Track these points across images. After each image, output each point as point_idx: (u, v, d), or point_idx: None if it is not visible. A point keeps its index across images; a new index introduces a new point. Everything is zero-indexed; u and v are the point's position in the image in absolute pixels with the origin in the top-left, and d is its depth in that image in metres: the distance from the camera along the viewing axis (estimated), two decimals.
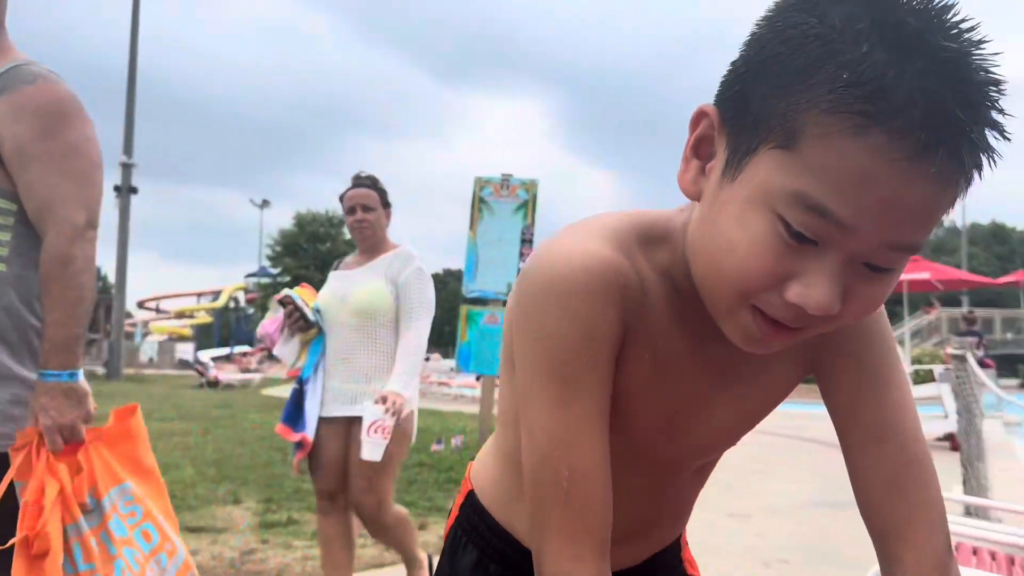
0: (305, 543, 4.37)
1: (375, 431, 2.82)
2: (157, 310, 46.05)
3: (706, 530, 5.09)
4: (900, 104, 0.56)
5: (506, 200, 7.85)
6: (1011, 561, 2.64)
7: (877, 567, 2.02)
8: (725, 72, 0.69)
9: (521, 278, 0.76)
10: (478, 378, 17.20)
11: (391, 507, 3.12)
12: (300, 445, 3.04)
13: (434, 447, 7.49)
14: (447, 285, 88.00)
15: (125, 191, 21.10)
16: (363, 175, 3.26)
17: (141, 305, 44.85)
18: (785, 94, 0.61)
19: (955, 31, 0.59)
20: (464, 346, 7.73)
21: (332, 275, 3.34)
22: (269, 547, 4.27)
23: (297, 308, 3.07)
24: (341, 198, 3.27)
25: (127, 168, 21.12)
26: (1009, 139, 0.61)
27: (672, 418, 0.81)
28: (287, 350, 3.19)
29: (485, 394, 7.94)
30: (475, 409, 10.51)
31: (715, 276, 0.68)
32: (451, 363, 24.56)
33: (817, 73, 0.58)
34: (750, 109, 0.64)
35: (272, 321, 3.22)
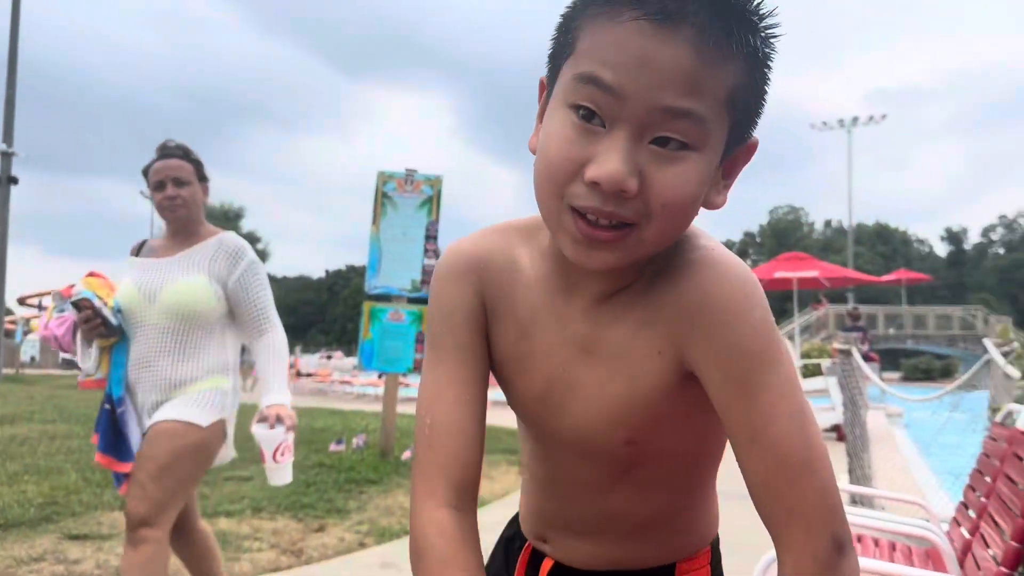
0: None
1: (281, 454, 2.56)
2: (39, 307, 43.51)
3: None
4: None
5: (410, 196, 7.76)
6: (893, 547, 2.77)
7: (772, 552, 2.07)
8: None
9: None
10: (380, 376, 16.99)
11: (164, 533, 2.43)
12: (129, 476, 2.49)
13: (333, 447, 7.33)
14: (350, 281, 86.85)
15: (4, 181, 19.87)
16: (172, 143, 2.69)
17: (22, 302, 42.33)
18: (567, 24, 0.75)
19: None
20: (367, 343, 7.59)
21: (133, 263, 2.70)
22: None
23: (96, 312, 2.51)
24: (145, 172, 2.67)
25: (7, 157, 19.90)
26: (772, 34, 0.72)
27: (547, 393, 0.88)
28: (87, 358, 2.61)
29: (389, 392, 7.83)
30: (378, 408, 10.36)
31: (537, 185, 0.77)
32: (353, 361, 24.20)
33: None
34: (552, 51, 0.78)
35: (59, 322, 2.65)
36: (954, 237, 73.98)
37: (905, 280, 33.71)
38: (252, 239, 66.05)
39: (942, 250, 74.87)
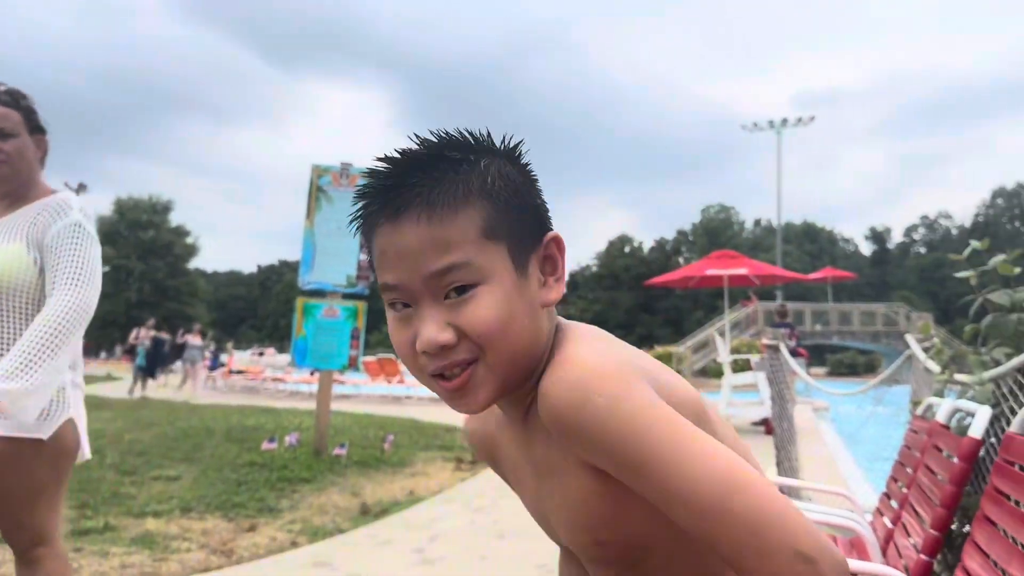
0: (124, 549, 4.09)
1: None
2: None
3: (529, 516, 5.20)
4: (364, 209, 0.89)
5: (346, 190, 7.65)
6: None
7: None
8: None
9: None
10: (312, 373, 16.73)
11: (58, 546, 2.20)
12: None
13: (265, 445, 7.20)
14: (283, 277, 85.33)
15: None
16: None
17: None
18: (366, 243, 0.92)
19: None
20: (300, 340, 7.47)
21: None
22: (83, 555, 3.97)
23: None
24: None
25: None
26: (463, 170, 0.86)
27: (536, 509, 1.01)
28: None
29: (323, 389, 7.72)
30: (312, 405, 10.21)
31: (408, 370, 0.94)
32: (286, 358, 23.78)
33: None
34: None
35: None
36: (878, 236, 76.62)
37: (831, 278, 34.72)
38: (181, 233, 64.33)
39: (867, 249, 77.49)
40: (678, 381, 0.91)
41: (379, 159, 0.87)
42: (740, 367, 12.96)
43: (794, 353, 11.41)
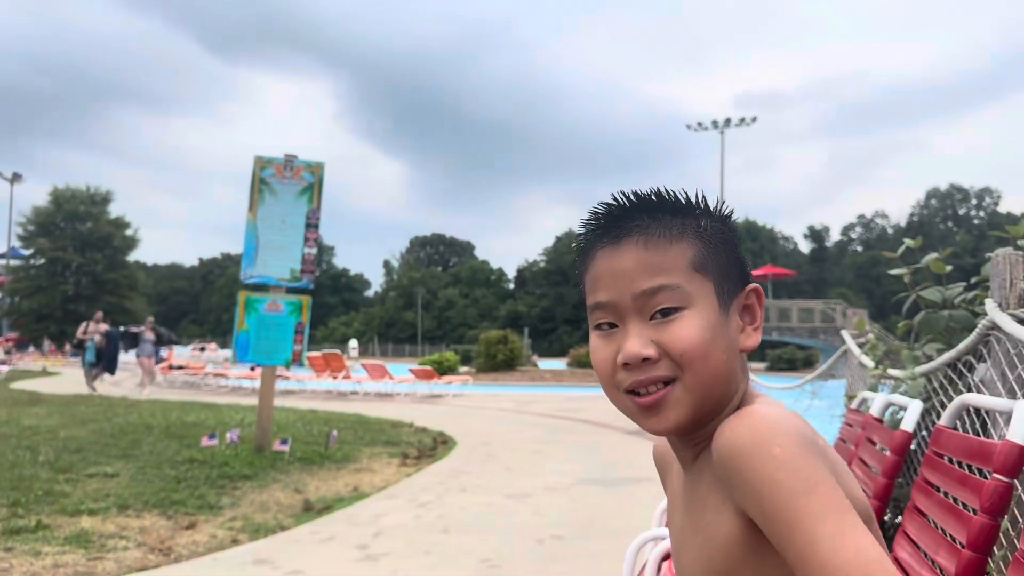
0: (57, 549, 3.98)
1: None
2: None
3: (484, 510, 5.21)
4: (587, 238, 0.99)
5: (290, 182, 7.53)
6: None
7: (643, 535, 2.11)
8: None
9: None
10: (253, 368, 16.41)
11: None
12: None
13: (206, 442, 7.06)
14: (226, 270, 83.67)
15: None
16: None
17: None
18: (580, 273, 1.01)
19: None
20: (242, 335, 7.33)
21: None
22: (15, 555, 3.86)
23: None
24: None
25: None
26: (712, 215, 0.96)
27: (677, 541, 1.03)
28: None
29: (265, 385, 7.60)
30: (255, 401, 10.05)
31: (603, 390, 0.97)
32: (229, 353, 23.34)
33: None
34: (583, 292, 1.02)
35: None
36: (816, 235, 78.42)
37: (771, 275, 35.52)
38: (121, 225, 62.59)
39: (806, 247, 79.26)
40: (854, 481, 0.91)
41: (608, 201, 0.98)
42: None
43: None
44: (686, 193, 0.98)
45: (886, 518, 3.15)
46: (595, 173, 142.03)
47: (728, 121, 41.83)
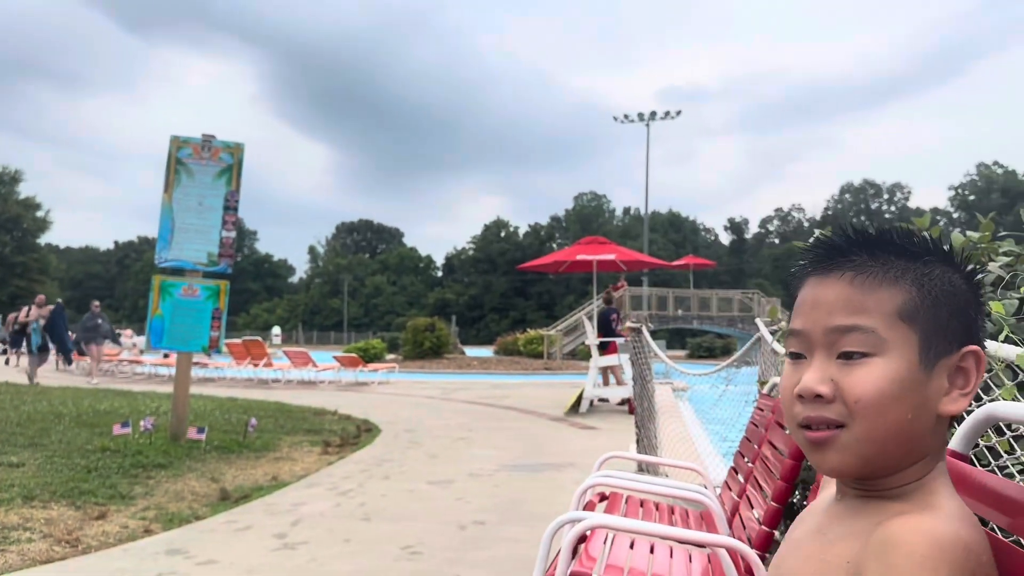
0: None
1: None
2: None
3: (406, 497, 5.19)
4: (803, 264, 0.96)
5: (207, 163, 7.32)
6: (672, 511, 2.98)
7: (560, 517, 2.13)
8: None
9: None
10: (166, 356, 15.93)
11: None
12: None
13: (118, 430, 6.82)
14: (143, 254, 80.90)
15: None
16: None
17: None
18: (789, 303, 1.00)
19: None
20: (156, 320, 7.10)
21: None
22: None
23: None
24: None
25: None
26: (938, 263, 0.90)
27: (782, 557, 1.00)
28: None
29: (181, 372, 7.38)
30: (171, 389, 9.77)
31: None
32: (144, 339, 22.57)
33: None
34: None
35: None
36: (736, 227, 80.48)
37: (693, 265, 36.27)
38: (31, 206, 59.81)
39: (726, 239, 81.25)
40: None
41: (828, 232, 0.97)
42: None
43: (618, 335, 12.11)
44: (921, 237, 0.91)
45: (794, 499, 3.27)
46: (524, 162, 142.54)
47: (654, 114, 42.46)
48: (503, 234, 77.41)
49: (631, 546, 2.44)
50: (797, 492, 3.22)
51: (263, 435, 7.74)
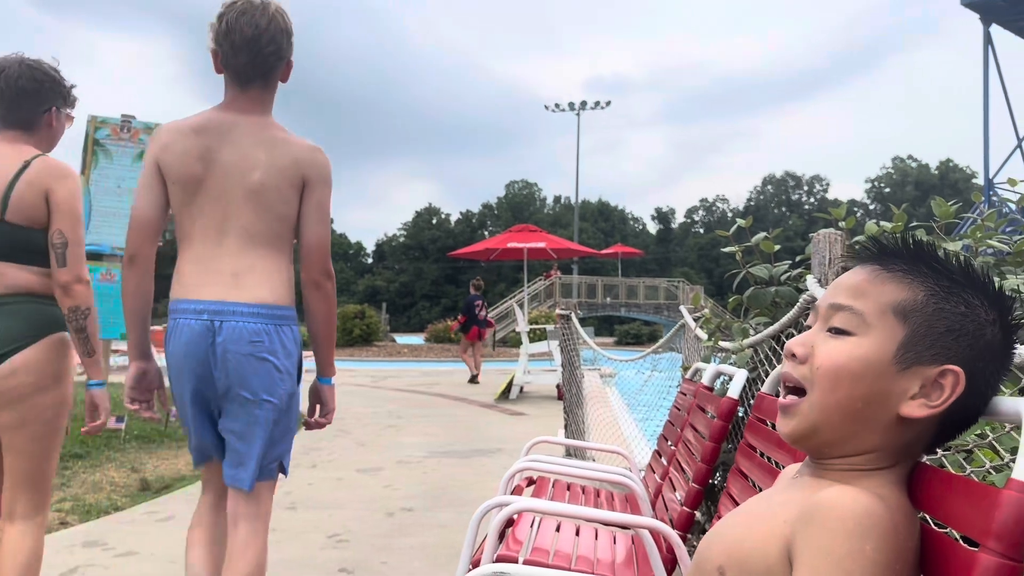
0: None
1: None
2: None
3: (333, 485, 5.15)
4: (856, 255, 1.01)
5: (127, 144, 7.07)
6: (598, 494, 3.03)
7: (487, 502, 2.15)
8: None
9: None
10: None
11: None
12: None
13: None
14: None
15: None
16: None
17: None
18: None
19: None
20: None
21: None
22: None
23: None
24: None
25: None
26: (953, 280, 0.91)
27: (738, 513, 1.04)
28: None
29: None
30: (81, 378, 9.42)
31: None
32: None
33: None
34: None
35: None
36: (663, 216, 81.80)
37: (621, 254, 36.82)
38: None
39: (653, 228, 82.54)
40: None
41: (891, 240, 0.97)
42: (538, 337, 13.46)
43: (484, 323, 13.71)
44: (977, 274, 0.91)
45: (715, 481, 3.36)
46: (454, 149, 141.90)
47: (584, 104, 42.77)
48: (434, 221, 77.01)
49: (557, 529, 2.47)
50: (717, 474, 3.32)
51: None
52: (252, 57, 2.14)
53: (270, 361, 2.08)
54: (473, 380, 13.26)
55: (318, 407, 2.36)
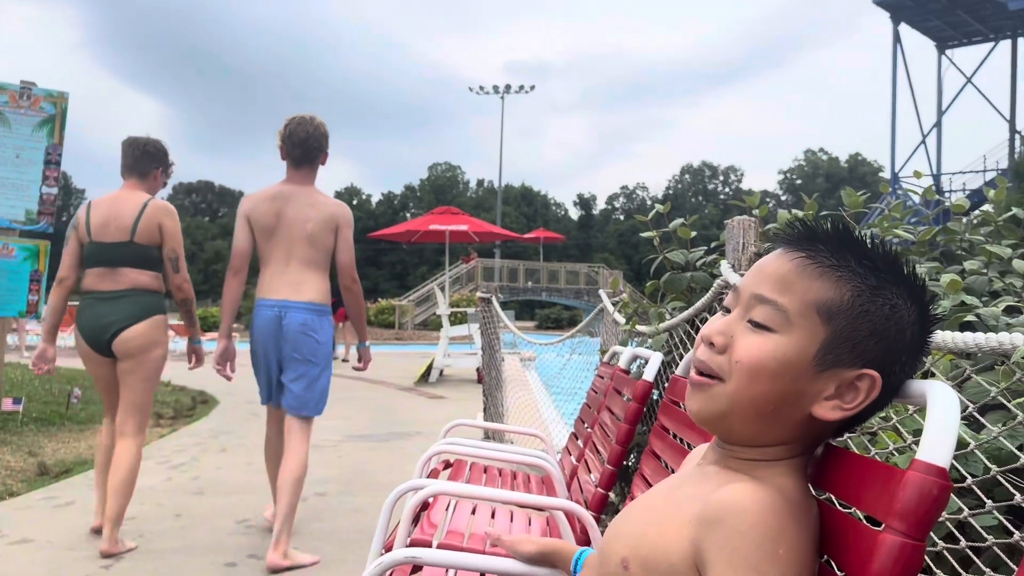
0: None
1: None
2: None
3: (244, 470, 5.02)
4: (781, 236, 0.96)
5: (27, 112, 6.69)
6: (514, 476, 3.03)
7: (401, 485, 2.12)
8: None
9: None
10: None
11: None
12: None
13: None
14: None
15: None
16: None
17: None
18: None
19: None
20: None
21: None
22: None
23: None
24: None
25: None
26: (882, 279, 0.88)
27: (643, 504, 1.03)
28: None
29: None
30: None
31: None
32: None
33: None
34: None
35: None
36: (585, 203, 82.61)
37: (543, 239, 37.04)
38: None
39: (575, 214, 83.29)
40: None
41: (817, 223, 0.94)
42: (459, 320, 13.42)
43: (333, 309, 13.83)
44: (897, 260, 0.90)
45: (629, 463, 3.41)
46: (376, 129, 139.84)
47: (509, 87, 42.75)
48: (355, 202, 75.78)
49: (473, 512, 2.46)
50: (632, 456, 3.36)
51: (88, 407, 7.23)
52: (304, 151, 3.50)
53: (312, 336, 3.42)
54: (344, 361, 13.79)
55: (360, 362, 3.81)
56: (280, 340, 3.37)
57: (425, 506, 2.40)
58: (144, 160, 3.62)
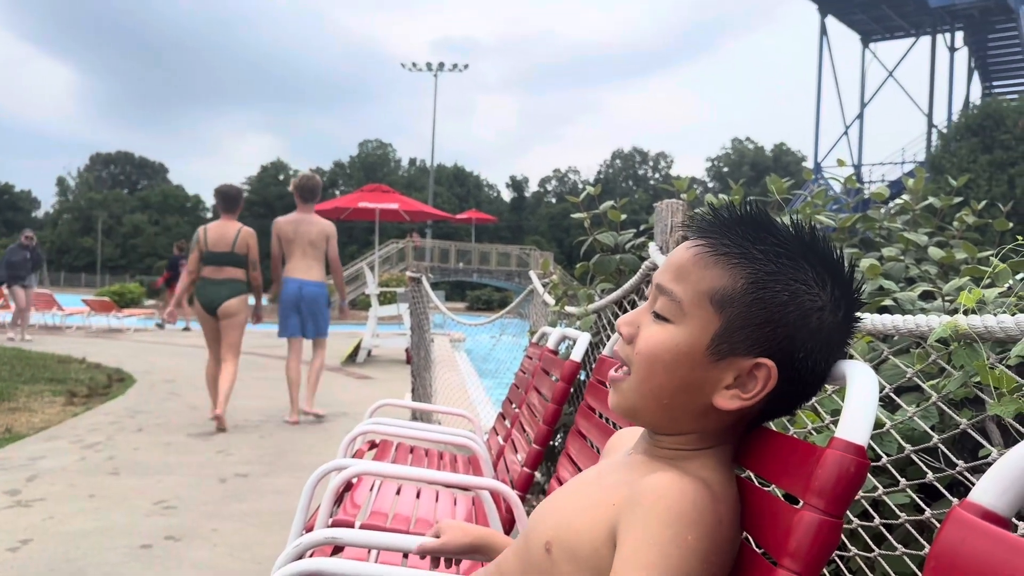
0: None
1: None
2: None
3: (162, 451, 4.87)
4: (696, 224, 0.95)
5: None
6: (441, 456, 3.01)
7: (324, 465, 2.07)
8: None
9: None
10: None
11: None
12: None
13: None
14: None
15: None
16: None
17: None
18: None
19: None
20: None
21: None
22: None
23: None
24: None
25: None
26: (770, 271, 0.86)
27: (569, 489, 1.04)
28: None
29: None
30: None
31: None
32: None
33: None
34: None
35: None
36: (517, 185, 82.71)
37: (475, 219, 36.92)
38: None
39: (507, 195, 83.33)
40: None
41: (722, 208, 0.93)
42: (388, 300, 13.29)
43: (167, 283, 15.44)
44: (801, 238, 0.88)
45: (555, 443, 3.43)
46: (302, 103, 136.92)
47: (442, 65, 42.31)
48: (282, 177, 74.15)
49: (398, 492, 2.43)
50: (558, 436, 3.38)
51: None
52: (309, 195, 6.14)
53: (320, 301, 6.14)
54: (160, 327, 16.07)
55: (342, 310, 6.76)
56: (300, 301, 6.04)
57: (349, 487, 2.37)
58: (237, 201, 6.07)
